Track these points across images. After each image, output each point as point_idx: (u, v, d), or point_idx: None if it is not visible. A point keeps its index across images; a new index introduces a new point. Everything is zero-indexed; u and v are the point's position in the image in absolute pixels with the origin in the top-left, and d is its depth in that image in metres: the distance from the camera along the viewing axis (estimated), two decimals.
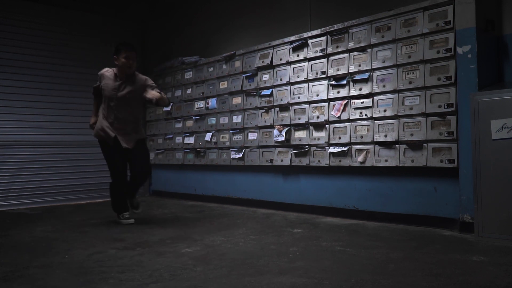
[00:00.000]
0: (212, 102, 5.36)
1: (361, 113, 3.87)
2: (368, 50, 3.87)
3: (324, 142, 4.13)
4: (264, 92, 4.73)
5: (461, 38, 3.27)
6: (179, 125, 5.86)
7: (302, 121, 4.32)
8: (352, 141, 3.91)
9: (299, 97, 4.38)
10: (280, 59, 4.59)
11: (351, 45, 3.98)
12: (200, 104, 5.54)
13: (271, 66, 4.69)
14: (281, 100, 4.54)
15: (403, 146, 3.58)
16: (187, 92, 5.75)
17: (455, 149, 3.27)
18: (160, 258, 2.61)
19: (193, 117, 5.62)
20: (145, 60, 6.55)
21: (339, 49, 4.07)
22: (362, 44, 3.90)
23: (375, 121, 3.77)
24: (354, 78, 3.93)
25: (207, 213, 4.50)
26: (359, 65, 3.91)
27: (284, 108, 4.52)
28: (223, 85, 5.25)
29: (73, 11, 5.88)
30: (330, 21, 4.29)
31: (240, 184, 5.07)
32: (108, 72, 3.91)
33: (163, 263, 2.49)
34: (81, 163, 5.81)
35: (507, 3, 3.39)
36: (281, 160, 4.50)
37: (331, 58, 4.15)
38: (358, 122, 3.89)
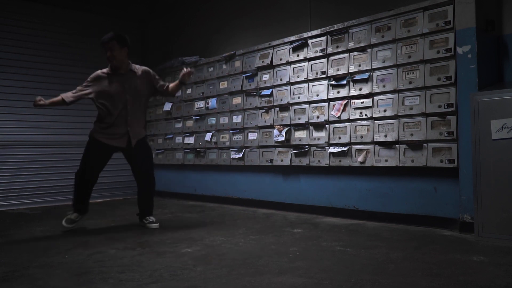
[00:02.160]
0: (212, 102, 5.36)
1: (361, 113, 3.86)
2: (368, 50, 3.87)
3: (324, 142, 4.13)
4: (264, 92, 4.73)
5: (461, 38, 3.27)
6: (179, 125, 5.86)
7: (302, 121, 4.32)
8: (352, 141, 3.91)
9: (299, 97, 4.37)
10: (280, 59, 4.59)
11: (351, 45, 3.98)
12: (200, 104, 5.54)
13: (271, 66, 4.69)
14: (281, 100, 4.54)
15: (403, 146, 3.58)
16: (187, 92, 5.75)
17: (455, 149, 3.27)
18: (160, 258, 2.61)
19: (193, 117, 5.62)
20: (145, 60, 6.54)
21: (339, 49, 4.07)
22: (362, 44, 3.90)
23: (375, 121, 3.77)
24: (354, 78, 3.93)
25: (207, 213, 4.50)
26: (359, 65, 3.91)
27: (284, 108, 4.52)
28: (223, 85, 5.25)
29: (73, 11, 5.88)
30: (330, 21, 4.29)
31: (240, 184, 5.07)
32: None
33: (163, 263, 2.49)
34: None
35: (507, 3, 3.39)
36: (281, 160, 4.50)
37: (331, 58, 4.15)
38: (358, 122, 3.89)
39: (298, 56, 4.42)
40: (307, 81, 4.33)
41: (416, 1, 3.62)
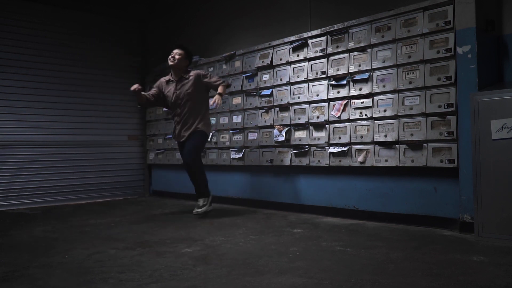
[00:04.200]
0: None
1: (361, 113, 3.87)
2: (368, 50, 3.87)
3: (324, 142, 4.13)
4: (264, 92, 4.73)
5: (461, 38, 3.27)
6: None
7: (302, 121, 4.33)
8: (352, 141, 3.91)
9: (299, 97, 4.38)
10: (280, 59, 4.59)
11: (351, 45, 3.98)
12: None
13: (271, 66, 4.69)
14: (281, 100, 4.54)
15: (403, 146, 3.58)
16: None
17: (455, 149, 3.27)
18: (160, 258, 2.61)
19: None
20: (145, 60, 6.55)
21: (339, 49, 4.07)
22: (362, 44, 3.90)
23: (375, 121, 3.77)
24: (354, 78, 3.93)
25: (207, 213, 4.49)
26: (359, 65, 3.91)
27: (284, 108, 4.52)
28: None
29: (73, 11, 5.88)
30: (330, 21, 4.29)
31: (240, 184, 5.07)
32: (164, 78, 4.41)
33: (163, 263, 2.49)
34: (81, 163, 5.82)
35: (507, 3, 3.39)
36: (281, 160, 4.50)
37: (331, 58, 4.15)
38: (358, 122, 3.89)
39: (298, 56, 4.42)
40: (307, 81, 4.33)
41: (416, 1, 3.62)
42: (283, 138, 4.45)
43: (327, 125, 4.13)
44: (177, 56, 4.16)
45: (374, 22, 3.84)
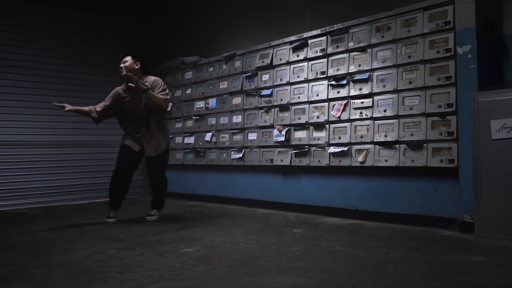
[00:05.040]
0: (212, 102, 5.36)
1: (361, 113, 3.87)
2: (368, 50, 3.87)
3: (324, 142, 4.13)
4: (264, 92, 4.73)
5: (461, 38, 3.27)
6: (179, 125, 5.86)
7: (302, 121, 4.33)
8: (352, 141, 3.91)
9: (299, 97, 4.38)
10: (280, 59, 4.59)
11: (351, 45, 3.98)
12: (200, 104, 5.54)
13: (271, 66, 4.69)
14: (281, 100, 4.54)
15: (403, 146, 3.58)
16: (187, 92, 5.75)
17: (455, 149, 3.27)
18: (160, 258, 2.61)
19: (193, 117, 5.62)
20: (145, 60, 6.54)
21: (339, 49, 4.07)
22: (362, 44, 3.90)
23: (375, 121, 3.77)
24: (354, 78, 3.93)
25: (207, 213, 4.50)
26: (359, 65, 3.91)
27: (284, 108, 4.52)
28: (223, 85, 5.25)
29: (73, 11, 5.88)
30: (330, 21, 4.29)
31: (240, 184, 5.07)
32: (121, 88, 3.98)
33: (163, 263, 2.49)
34: (81, 163, 5.81)
35: (507, 3, 3.39)
36: (281, 160, 4.50)
37: (331, 58, 4.15)
38: (358, 122, 3.89)
39: (298, 56, 4.42)
40: (307, 81, 4.33)
41: (416, 1, 3.62)
42: (283, 138, 4.45)
43: (327, 125, 4.13)
44: (126, 64, 3.81)
45: (374, 22, 3.84)
